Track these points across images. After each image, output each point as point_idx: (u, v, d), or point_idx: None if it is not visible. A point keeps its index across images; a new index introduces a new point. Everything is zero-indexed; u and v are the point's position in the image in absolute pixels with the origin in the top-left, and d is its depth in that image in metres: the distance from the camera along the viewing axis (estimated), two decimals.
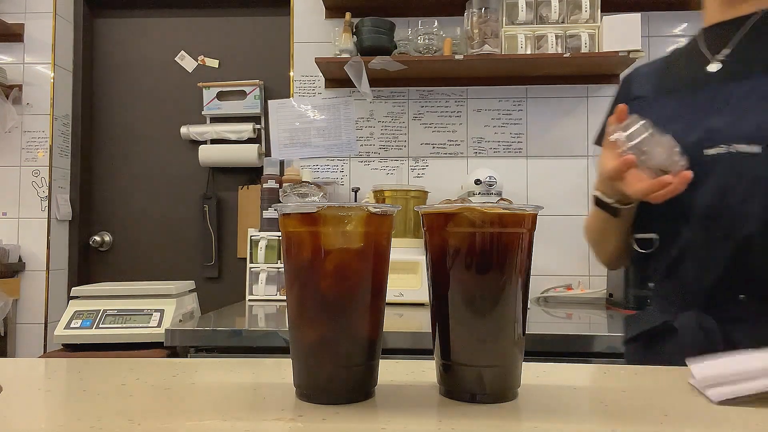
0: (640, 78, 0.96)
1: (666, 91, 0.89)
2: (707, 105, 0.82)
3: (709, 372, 0.52)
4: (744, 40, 0.83)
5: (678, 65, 0.92)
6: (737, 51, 0.83)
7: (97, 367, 0.63)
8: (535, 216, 0.50)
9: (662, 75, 0.93)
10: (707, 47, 0.87)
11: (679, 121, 0.83)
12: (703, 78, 0.85)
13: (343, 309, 0.48)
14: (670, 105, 0.86)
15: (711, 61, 0.85)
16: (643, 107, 0.87)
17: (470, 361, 0.49)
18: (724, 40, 0.85)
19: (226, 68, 2.47)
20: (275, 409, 0.47)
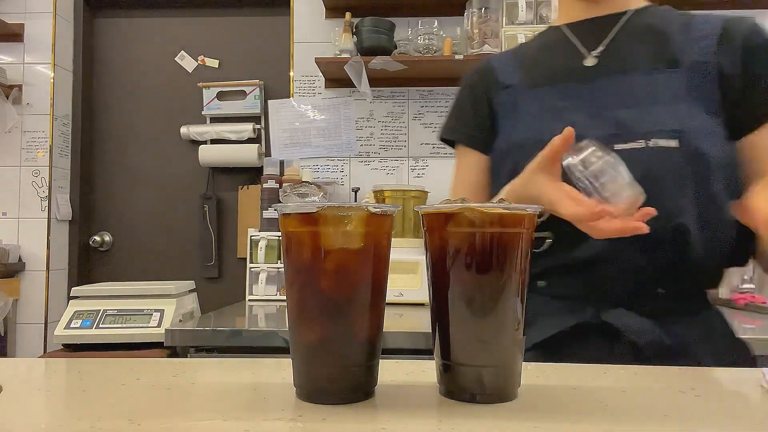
0: (504, 67, 0.94)
1: (541, 82, 0.88)
2: (599, 98, 0.82)
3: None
4: (617, 37, 0.86)
5: (549, 57, 0.91)
6: (612, 48, 0.85)
7: (97, 367, 0.63)
8: (534, 216, 0.50)
9: (531, 66, 0.92)
10: (580, 42, 0.88)
11: (573, 113, 0.81)
12: (581, 71, 0.85)
13: (343, 309, 0.48)
14: (550, 96, 0.85)
15: (586, 56, 0.86)
16: (517, 96, 0.89)
17: (470, 361, 0.49)
18: (597, 36, 0.87)
19: (226, 68, 2.47)
20: (275, 409, 0.47)
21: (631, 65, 0.82)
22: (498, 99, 0.92)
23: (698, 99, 0.78)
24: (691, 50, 0.80)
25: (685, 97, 0.78)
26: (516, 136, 0.87)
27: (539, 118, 0.85)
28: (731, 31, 0.80)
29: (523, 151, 0.81)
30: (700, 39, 0.81)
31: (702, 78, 0.79)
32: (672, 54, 0.81)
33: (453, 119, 1.01)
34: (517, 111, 0.88)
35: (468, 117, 0.97)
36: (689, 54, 0.80)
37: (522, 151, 0.82)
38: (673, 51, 0.81)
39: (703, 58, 0.79)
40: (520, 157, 0.80)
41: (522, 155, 0.79)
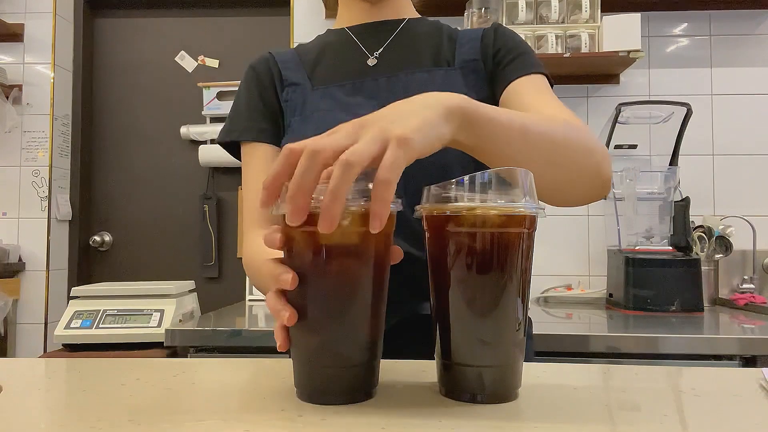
0: (287, 65, 0.94)
1: (327, 81, 0.91)
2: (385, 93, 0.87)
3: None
4: (396, 40, 0.93)
5: (334, 57, 0.94)
6: (392, 49, 0.92)
7: (97, 367, 0.63)
8: (535, 216, 0.50)
9: (315, 65, 0.94)
10: (363, 44, 0.94)
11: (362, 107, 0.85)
12: (366, 70, 0.91)
13: (344, 309, 0.48)
14: (338, 93, 0.89)
15: (369, 56, 0.92)
16: (305, 94, 0.90)
17: (471, 362, 0.49)
18: (378, 39, 0.94)
19: (226, 68, 2.47)
20: (275, 409, 0.47)
21: (411, 64, 0.90)
22: (285, 96, 0.92)
23: (473, 91, 0.87)
24: (460, 52, 0.90)
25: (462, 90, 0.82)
26: (305, 132, 0.84)
27: (331, 113, 0.87)
28: (486, 33, 0.92)
29: None
30: (465, 44, 0.92)
31: (473, 73, 0.89)
32: (445, 55, 0.91)
33: (241, 119, 0.93)
34: (305, 108, 0.89)
35: (260, 112, 0.92)
36: (459, 55, 0.90)
37: None
38: (446, 53, 0.91)
39: (470, 57, 0.90)
40: None
41: None
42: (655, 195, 1.92)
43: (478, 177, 0.49)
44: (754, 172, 2.09)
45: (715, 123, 2.11)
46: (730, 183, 2.09)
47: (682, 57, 2.13)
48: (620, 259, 1.81)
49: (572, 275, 2.09)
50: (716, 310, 1.84)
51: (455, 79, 0.88)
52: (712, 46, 2.13)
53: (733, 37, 2.13)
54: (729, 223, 1.96)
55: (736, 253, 1.94)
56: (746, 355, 1.31)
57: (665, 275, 1.75)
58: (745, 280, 1.95)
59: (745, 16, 2.12)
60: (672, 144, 1.97)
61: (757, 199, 2.08)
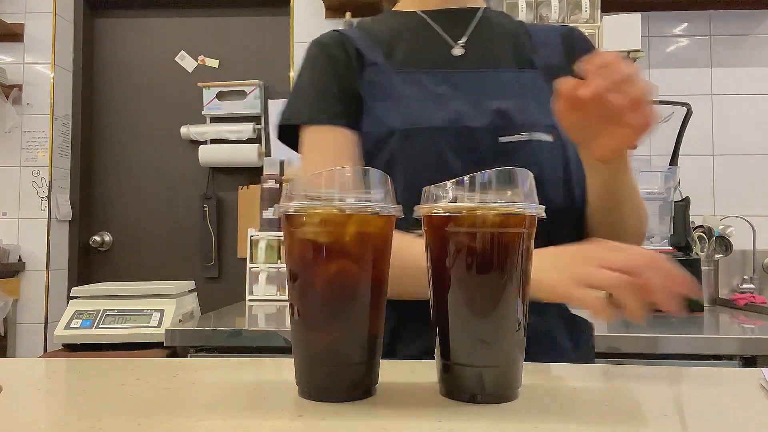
0: (362, 42, 0.86)
1: (408, 65, 0.84)
2: (473, 88, 0.82)
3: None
4: (476, 31, 0.87)
5: (412, 41, 0.87)
6: (473, 41, 0.86)
7: (97, 367, 0.63)
8: (535, 216, 0.50)
9: (392, 46, 0.86)
10: (444, 31, 0.87)
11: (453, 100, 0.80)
12: (450, 60, 0.85)
13: (345, 308, 0.48)
14: (425, 80, 0.82)
15: (453, 45, 0.86)
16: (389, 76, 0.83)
17: (470, 362, 0.49)
18: (458, 27, 0.87)
19: (226, 68, 2.47)
20: (275, 408, 0.47)
21: (496, 61, 0.85)
22: (365, 76, 0.83)
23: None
24: (540, 54, 0.86)
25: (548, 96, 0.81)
26: (393, 120, 0.79)
27: (420, 102, 0.80)
28: (569, 37, 0.88)
29: (405, 138, 0.78)
30: (544, 45, 0.87)
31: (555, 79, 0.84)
32: (527, 55, 0.86)
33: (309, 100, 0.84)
34: (391, 92, 0.81)
35: (334, 95, 0.83)
36: (539, 57, 0.86)
37: (404, 138, 0.78)
38: (527, 53, 0.86)
39: (553, 62, 0.85)
40: (400, 143, 0.78)
41: (405, 144, 0.78)
42: (655, 195, 1.92)
43: (478, 177, 0.49)
44: (754, 172, 2.09)
45: (715, 123, 2.11)
46: (730, 183, 2.09)
47: (682, 57, 2.13)
48: None
49: None
50: (716, 310, 1.84)
51: (539, 82, 0.84)
52: (712, 46, 2.13)
53: (733, 37, 2.13)
54: (729, 223, 1.96)
55: (736, 253, 1.94)
56: (746, 355, 1.31)
57: None
58: (745, 280, 1.95)
59: (745, 16, 2.12)
60: (672, 144, 1.97)
61: (757, 199, 2.08)
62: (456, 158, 0.77)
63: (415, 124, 0.79)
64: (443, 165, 0.76)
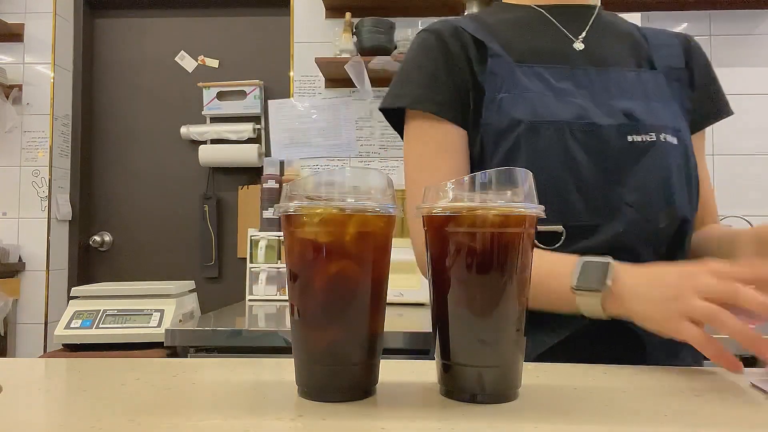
0: (479, 34, 0.83)
1: (528, 59, 0.81)
2: (597, 86, 0.80)
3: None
4: (594, 28, 0.86)
5: (531, 34, 0.84)
6: (592, 37, 0.85)
7: (97, 367, 0.63)
8: (535, 216, 0.50)
9: (510, 39, 0.83)
10: (562, 26, 0.85)
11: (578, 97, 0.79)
12: (572, 55, 0.83)
13: (345, 308, 0.48)
14: (547, 75, 0.80)
15: (574, 41, 0.84)
16: (513, 68, 0.80)
17: (470, 362, 0.49)
18: (578, 23, 0.85)
19: (226, 68, 2.47)
20: (275, 408, 0.47)
21: (615, 59, 0.83)
22: (488, 67, 0.81)
23: (676, 100, 0.83)
24: (661, 56, 0.85)
25: (670, 98, 0.83)
26: (518, 112, 0.77)
27: (544, 96, 0.78)
28: (686, 42, 0.88)
29: (531, 130, 0.76)
30: (662, 47, 0.86)
31: (676, 81, 0.84)
32: (647, 56, 0.84)
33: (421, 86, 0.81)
34: (515, 85, 0.79)
35: (441, 83, 0.81)
36: (659, 59, 0.84)
37: (529, 130, 0.76)
38: (647, 53, 0.85)
39: (675, 64, 0.85)
40: (526, 136, 0.76)
41: (530, 135, 0.76)
42: None
43: (478, 177, 0.49)
44: (754, 172, 2.09)
45: (715, 123, 2.11)
46: (730, 183, 2.09)
47: None
48: None
49: None
50: None
51: (661, 84, 0.83)
52: (712, 46, 2.13)
53: (733, 37, 2.13)
54: (729, 223, 1.96)
55: None
56: (746, 355, 1.30)
57: None
58: None
59: (745, 16, 2.12)
60: None
61: (757, 199, 2.08)
62: (584, 154, 0.75)
63: (541, 117, 0.76)
64: (570, 160, 0.75)
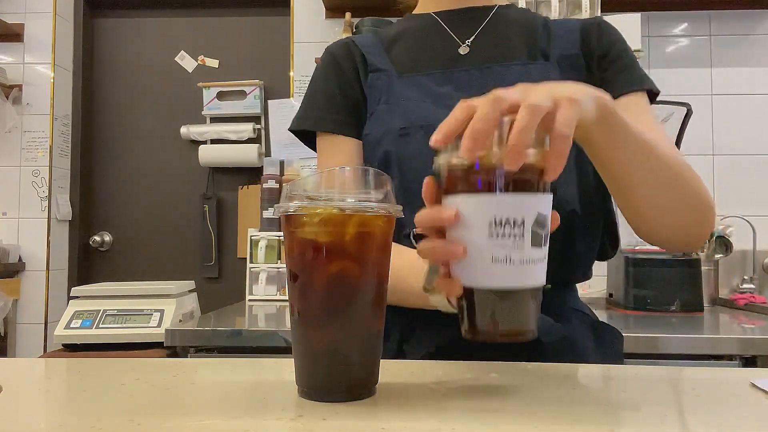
0: (370, 49, 0.88)
1: (414, 68, 0.85)
2: (478, 86, 0.80)
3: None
4: (487, 28, 0.87)
5: (421, 43, 0.88)
6: (483, 38, 0.86)
7: (97, 367, 0.63)
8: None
9: (401, 50, 0.87)
10: (452, 31, 0.87)
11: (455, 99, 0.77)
12: (457, 59, 0.85)
13: (345, 308, 0.48)
14: (428, 82, 0.83)
15: (460, 44, 0.86)
16: (391, 81, 0.84)
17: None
18: (468, 26, 0.87)
19: (226, 68, 2.47)
20: (275, 408, 0.47)
21: (505, 55, 0.84)
22: (369, 82, 0.86)
23: None
24: (556, 45, 0.84)
25: None
26: (392, 121, 0.81)
27: (419, 102, 0.81)
28: (587, 26, 0.85)
29: (402, 136, 0.79)
30: (562, 36, 0.85)
31: (571, 69, 0.82)
32: (541, 48, 0.84)
33: (319, 107, 0.88)
34: (391, 96, 0.83)
35: (337, 103, 0.87)
36: (555, 48, 0.84)
37: (400, 136, 0.79)
38: (541, 45, 0.84)
39: (569, 51, 0.83)
40: (396, 144, 0.79)
41: (400, 141, 0.78)
42: None
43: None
44: (754, 172, 2.09)
45: (715, 123, 2.11)
46: (730, 183, 2.09)
47: (682, 57, 2.13)
48: (620, 259, 1.81)
49: None
50: (716, 310, 1.84)
51: (552, 74, 0.82)
52: (712, 46, 2.13)
53: (733, 37, 2.13)
54: (729, 223, 1.96)
55: (736, 253, 1.94)
56: (746, 355, 1.31)
57: (665, 275, 1.75)
58: (745, 280, 1.95)
59: (745, 16, 2.12)
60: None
61: (757, 199, 2.08)
62: None
63: (412, 123, 0.79)
64: None
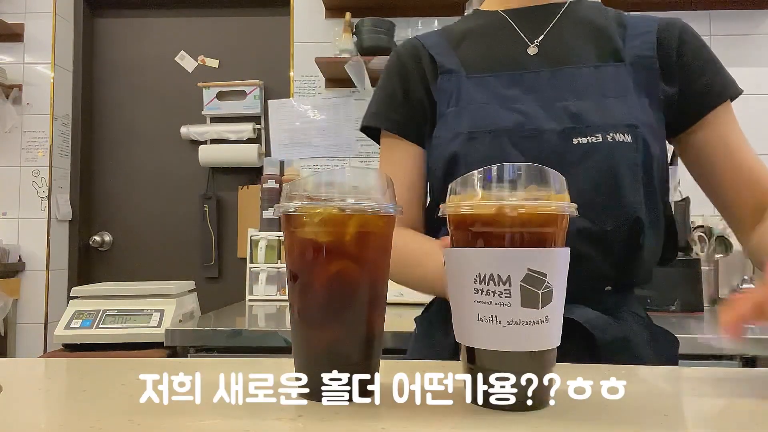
0: (438, 49, 0.87)
1: (482, 68, 0.83)
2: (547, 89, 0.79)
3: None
4: (557, 27, 0.84)
5: (488, 43, 0.86)
6: (553, 38, 0.83)
7: (97, 367, 0.63)
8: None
9: (468, 50, 0.86)
10: (520, 30, 0.85)
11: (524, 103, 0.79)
12: (525, 60, 0.83)
13: (345, 308, 0.48)
14: (495, 83, 0.81)
15: (529, 45, 0.84)
16: (460, 82, 0.83)
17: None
18: (538, 25, 0.85)
19: (226, 68, 2.47)
20: (275, 408, 0.47)
21: (575, 57, 0.82)
22: (438, 84, 0.85)
23: (643, 94, 0.79)
24: (632, 46, 0.81)
25: (632, 92, 0.79)
26: (461, 125, 0.80)
27: (487, 106, 0.80)
28: (667, 28, 0.83)
29: (470, 140, 0.78)
30: (638, 36, 0.82)
31: (645, 72, 0.79)
32: (614, 48, 0.81)
33: (380, 105, 0.90)
34: (460, 98, 0.82)
35: (398, 103, 0.88)
36: (630, 49, 0.81)
37: (468, 140, 0.78)
38: (615, 46, 0.81)
39: (644, 53, 0.80)
40: (465, 147, 0.78)
41: (468, 145, 0.77)
42: None
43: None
44: None
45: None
46: None
47: None
48: None
49: None
50: (716, 310, 1.84)
51: (624, 77, 0.79)
52: (712, 46, 2.13)
53: (733, 37, 2.13)
54: None
55: (736, 253, 1.93)
56: (746, 355, 1.31)
57: (665, 275, 1.75)
58: (745, 280, 1.95)
59: (745, 16, 2.12)
60: None
61: None
62: (523, 161, 0.73)
63: (479, 127, 0.78)
64: None
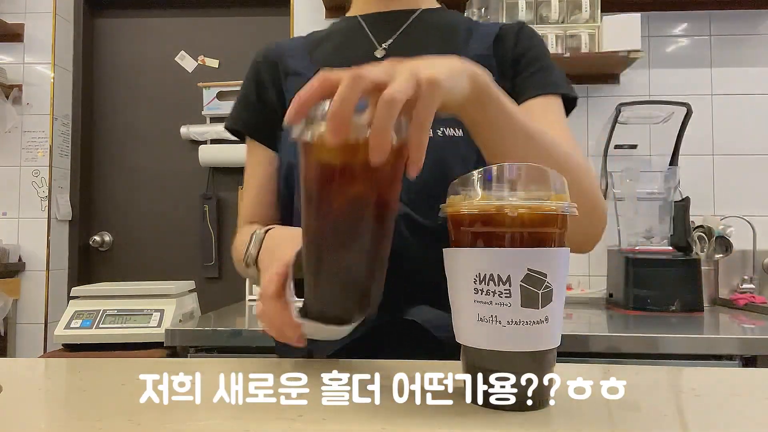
0: (293, 52, 0.90)
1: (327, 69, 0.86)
2: None
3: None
4: (407, 32, 0.87)
5: (341, 47, 0.89)
6: (401, 41, 0.87)
7: (97, 367, 0.63)
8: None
9: (321, 53, 0.89)
10: (373, 34, 0.88)
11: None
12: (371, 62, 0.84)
13: (357, 230, 0.50)
14: None
15: (378, 47, 0.87)
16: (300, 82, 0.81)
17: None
18: (390, 29, 0.88)
19: (226, 68, 2.47)
20: (275, 409, 0.47)
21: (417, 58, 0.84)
22: (286, 86, 0.88)
23: None
24: (472, 47, 0.84)
25: None
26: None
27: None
28: (507, 29, 0.86)
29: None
30: (480, 38, 0.85)
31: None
32: (455, 49, 0.83)
33: (239, 108, 0.93)
34: None
35: (253, 105, 0.90)
36: (471, 50, 0.83)
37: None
38: (457, 47, 0.84)
39: (482, 52, 0.83)
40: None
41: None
42: (655, 195, 1.92)
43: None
44: (754, 172, 2.09)
45: (715, 123, 2.11)
46: (730, 183, 2.09)
47: (682, 57, 2.13)
48: (620, 259, 1.81)
49: (572, 275, 2.09)
50: (716, 310, 1.84)
51: None
52: (712, 46, 2.13)
53: (733, 37, 2.13)
54: (729, 223, 1.96)
55: (736, 253, 1.93)
56: (746, 355, 1.31)
57: (665, 275, 1.75)
58: (745, 280, 1.95)
59: (745, 16, 2.12)
60: (672, 144, 1.97)
61: (757, 199, 2.08)
62: None
63: None
64: None
